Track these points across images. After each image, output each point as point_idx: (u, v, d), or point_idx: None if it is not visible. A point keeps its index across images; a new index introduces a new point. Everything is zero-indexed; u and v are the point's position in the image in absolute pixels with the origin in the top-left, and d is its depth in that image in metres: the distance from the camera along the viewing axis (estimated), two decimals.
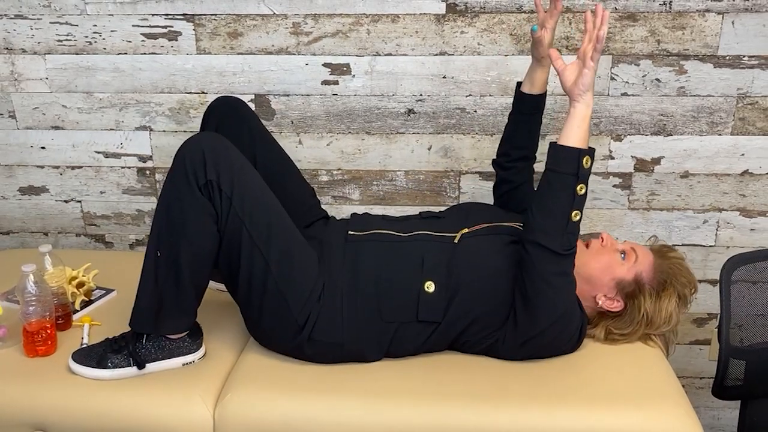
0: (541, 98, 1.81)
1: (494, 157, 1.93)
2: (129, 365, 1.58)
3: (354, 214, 1.86)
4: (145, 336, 1.59)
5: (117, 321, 1.78)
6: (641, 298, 1.64)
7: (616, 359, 1.63)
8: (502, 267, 1.61)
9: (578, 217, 1.51)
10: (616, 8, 1.97)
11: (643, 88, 2.05)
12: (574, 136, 1.50)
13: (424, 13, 2.02)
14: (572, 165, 1.49)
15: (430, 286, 1.59)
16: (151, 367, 1.59)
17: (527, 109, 1.83)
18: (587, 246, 1.67)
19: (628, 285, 1.64)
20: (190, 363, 1.63)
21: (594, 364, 1.61)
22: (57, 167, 2.27)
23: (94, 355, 1.59)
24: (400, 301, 1.60)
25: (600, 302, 1.65)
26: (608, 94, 2.06)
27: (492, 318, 1.59)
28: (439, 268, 1.61)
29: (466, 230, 1.70)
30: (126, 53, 2.12)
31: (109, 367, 1.57)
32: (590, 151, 1.50)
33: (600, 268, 1.64)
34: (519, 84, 1.83)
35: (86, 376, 1.57)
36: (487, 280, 1.60)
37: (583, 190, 1.50)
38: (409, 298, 1.59)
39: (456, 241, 1.66)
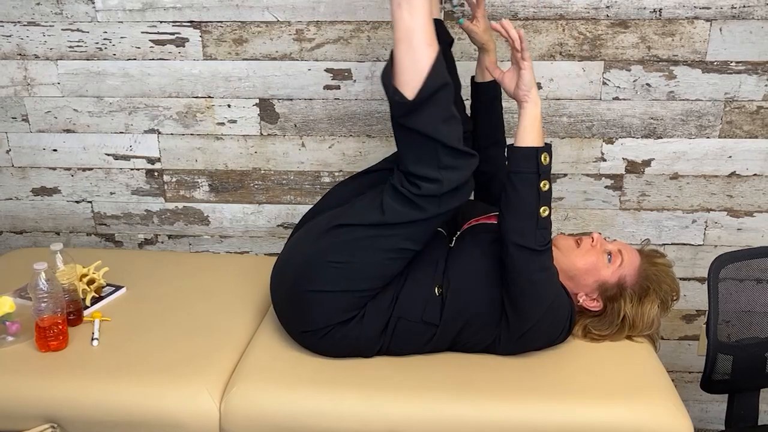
0: (495, 84, 1.81)
1: None
2: None
3: None
4: None
5: (127, 316, 1.79)
6: (621, 301, 1.63)
7: (608, 354, 1.63)
8: (488, 270, 1.60)
9: (547, 213, 1.50)
10: (608, 15, 1.97)
11: (634, 93, 2.05)
12: (528, 136, 1.51)
13: None
14: (531, 163, 1.49)
15: (438, 290, 1.59)
16: None
17: (485, 98, 1.84)
18: (578, 243, 1.67)
19: (611, 288, 1.63)
20: None
21: (586, 359, 1.61)
22: (68, 169, 2.27)
23: None
24: (414, 298, 1.59)
25: (581, 300, 1.65)
26: (600, 99, 2.06)
27: (484, 320, 1.59)
28: (442, 273, 1.61)
29: (458, 233, 1.71)
30: (135, 59, 2.12)
31: None
32: (547, 148, 1.50)
33: (585, 268, 1.63)
34: (473, 78, 1.85)
35: None
36: (474, 284, 1.59)
37: (547, 187, 1.50)
38: (421, 297, 1.59)
39: (452, 245, 1.67)
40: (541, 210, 1.49)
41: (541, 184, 1.49)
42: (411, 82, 1.42)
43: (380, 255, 1.53)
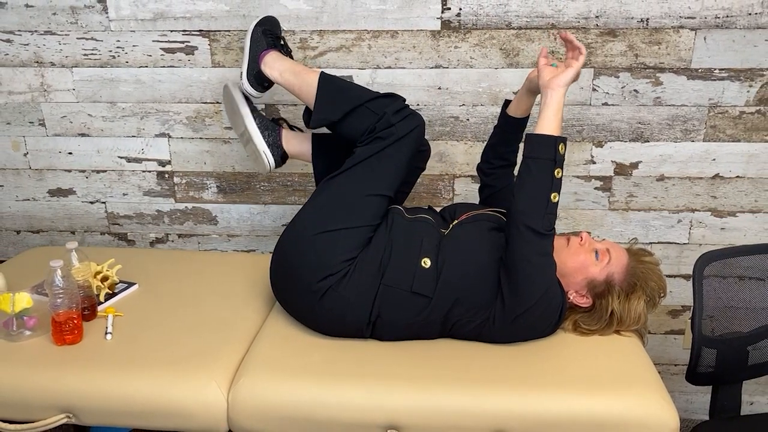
0: (524, 121, 1.82)
1: (478, 162, 1.94)
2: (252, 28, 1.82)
3: None
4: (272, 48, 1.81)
5: (139, 312, 1.79)
6: (609, 298, 1.63)
7: (597, 348, 1.63)
8: (484, 251, 1.62)
9: (556, 199, 1.54)
10: (597, 25, 1.98)
11: (622, 99, 2.05)
12: (549, 125, 1.55)
13: (421, 30, 2.02)
14: (550, 151, 1.53)
15: (426, 262, 1.61)
16: (248, 36, 1.82)
17: (510, 129, 1.83)
18: (567, 242, 1.67)
19: (599, 285, 1.63)
20: (242, 79, 1.82)
21: (577, 352, 1.62)
22: (83, 171, 2.27)
23: (264, 32, 1.82)
24: (400, 268, 1.61)
25: (571, 297, 1.65)
26: (590, 104, 2.06)
27: (476, 298, 1.59)
28: (434, 250, 1.63)
29: (455, 222, 1.72)
30: (147, 66, 2.13)
31: (257, 30, 1.82)
32: (564, 139, 1.54)
33: (575, 267, 1.64)
34: (506, 103, 1.82)
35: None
36: (470, 263, 1.61)
37: (560, 174, 1.54)
38: (408, 269, 1.61)
39: (446, 233, 1.68)
40: (552, 196, 1.53)
41: (555, 171, 1.53)
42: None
43: (358, 192, 1.65)
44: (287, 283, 1.69)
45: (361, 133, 1.68)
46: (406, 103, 1.69)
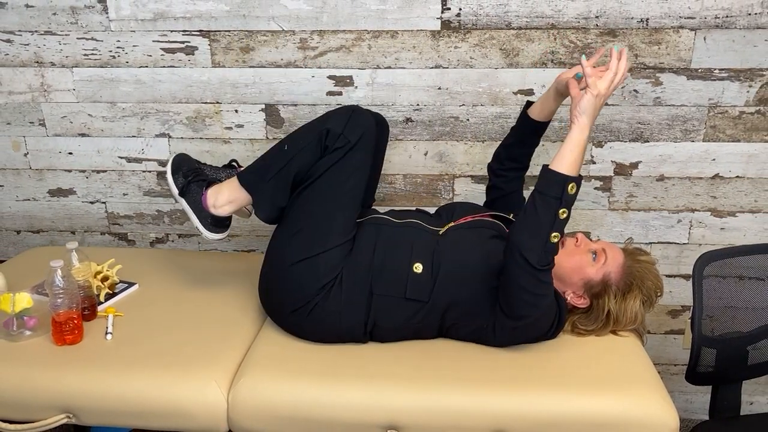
0: (545, 125, 1.79)
1: (490, 161, 1.93)
2: (177, 187, 1.76)
3: None
4: (206, 186, 1.74)
5: (139, 312, 1.79)
6: (605, 298, 1.63)
7: (597, 348, 1.63)
8: (483, 259, 1.61)
9: (556, 239, 1.46)
10: (597, 25, 1.97)
11: (622, 99, 2.04)
12: (564, 162, 1.46)
13: (421, 30, 2.02)
14: (558, 190, 1.45)
15: (418, 267, 1.60)
16: (183, 202, 1.75)
17: (529, 131, 1.81)
18: (562, 244, 1.66)
19: (596, 285, 1.63)
20: (202, 234, 1.75)
21: (576, 353, 1.61)
22: (83, 171, 2.27)
23: (184, 176, 1.76)
24: (391, 277, 1.61)
25: (568, 298, 1.65)
26: None
27: (472, 305, 1.59)
28: (426, 254, 1.62)
29: (451, 224, 1.71)
30: (147, 66, 2.12)
31: (178, 183, 1.76)
32: (577, 179, 1.46)
33: (571, 268, 1.63)
34: (528, 103, 1.80)
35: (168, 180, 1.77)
36: (468, 268, 1.60)
37: (565, 215, 1.46)
38: (399, 276, 1.60)
39: (441, 233, 1.67)
40: (552, 235, 1.45)
41: (560, 212, 1.45)
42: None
43: (329, 208, 1.63)
44: (274, 309, 1.71)
45: (318, 159, 1.66)
46: (348, 107, 1.67)
